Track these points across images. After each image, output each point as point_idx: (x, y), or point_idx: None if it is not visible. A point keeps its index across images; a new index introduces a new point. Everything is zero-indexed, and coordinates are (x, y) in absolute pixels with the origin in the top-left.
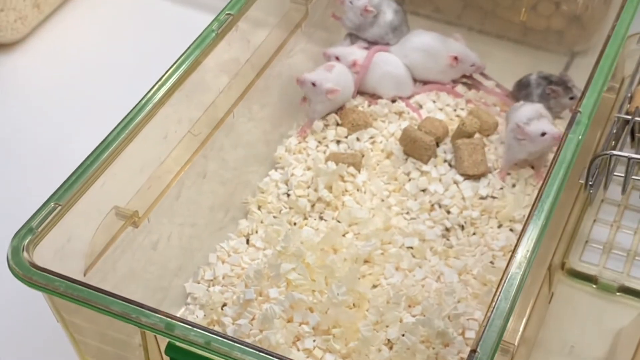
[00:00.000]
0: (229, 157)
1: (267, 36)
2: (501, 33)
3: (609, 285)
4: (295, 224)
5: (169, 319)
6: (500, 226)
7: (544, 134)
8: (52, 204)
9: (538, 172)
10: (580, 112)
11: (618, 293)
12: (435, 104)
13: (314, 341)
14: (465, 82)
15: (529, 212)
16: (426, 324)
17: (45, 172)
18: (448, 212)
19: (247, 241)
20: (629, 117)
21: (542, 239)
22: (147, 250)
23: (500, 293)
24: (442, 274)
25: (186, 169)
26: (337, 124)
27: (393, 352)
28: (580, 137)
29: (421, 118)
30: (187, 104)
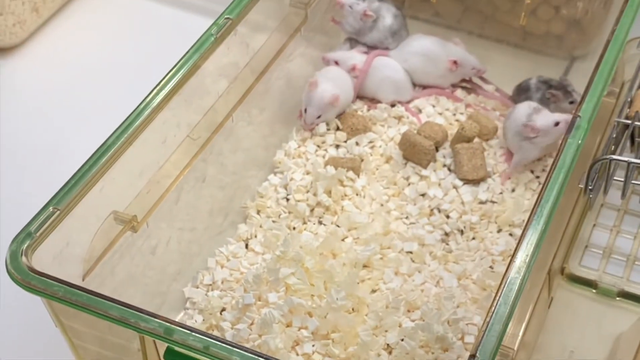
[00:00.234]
0: (228, 162)
1: (266, 40)
2: (501, 37)
3: (609, 290)
4: (294, 228)
5: (168, 324)
6: (499, 231)
7: (557, 124)
8: (51, 209)
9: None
10: (579, 116)
11: (618, 298)
12: (434, 108)
13: (313, 346)
14: (465, 86)
15: (529, 217)
16: (425, 329)
17: (44, 177)
18: (447, 216)
19: (246, 246)
20: (629, 121)
21: (541, 243)
22: (145, 255)
23: (499, 298)
24: (441, 278)
25: (185, 173)
26: (337, 128)
27: (392, 356)
28: (579, 142)
29: (420, 122)
30: (186, 108)
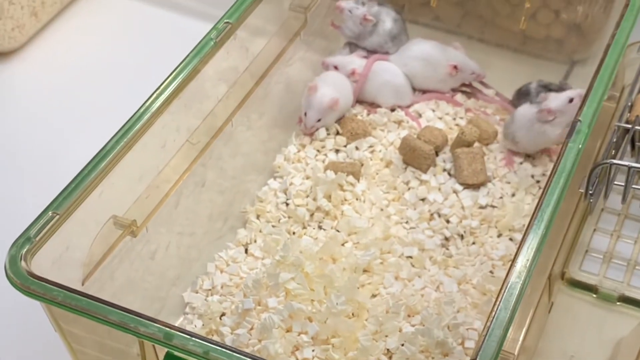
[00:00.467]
0: (228, 166)
1: (266, 44)
2: (501, 42)
3: (609, 295)
4: (294, 233)
5: (168, 329)
6: (499, 235)
7: (571, 100)
8: (50, 213)
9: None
10: (580, 121)
11: (618, 303)
12: (434, 112)
13: (313, 351)
14: (465, 90)
15: (529, 222)
16: (425, 334)
17: (43, 181)
18: (447, 221)
19: (246, 250)
20: (629, 125)
21: (542, 248)
22: (145, 260)
23: (499, 303)
24: (441, 283)
25: (184, 178)
26: (337, 133)
27: None
28: (580, 146)
29: (420, 127)
30: (186, 113)
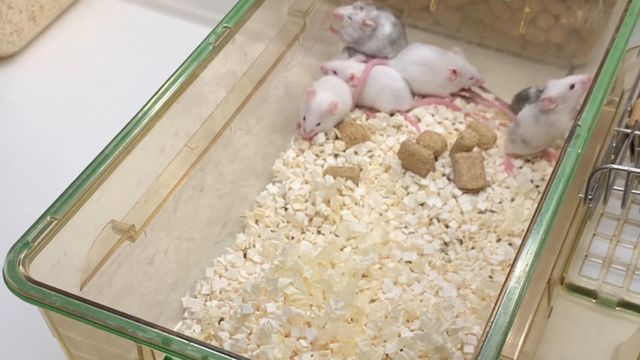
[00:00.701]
0: (226, 171)
1: (265, 49)
2: (500, 46)
3: (609, 300)
4: (292, 238)
5: (166, 334)
6: (499, 240)
7: (572, 86)
8: (48, 218)
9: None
10: (579, 125)
11: (617, 308)
12: (434, 117)
13: (311, 356)
14: (464, 95)
15: (528, 226)
16: (424, 339)
17: (41, 186)
18: (447, 226)
19: (245, 255)
20: (629, 130)
21: (541, 253)
22: (143, 265)
23: (499, 307)
24: (440, 288)
25: (183, 182)
26: (336, 138)
27: None
28: (579, 151)
29: (420, 131)
30: (184, 117)
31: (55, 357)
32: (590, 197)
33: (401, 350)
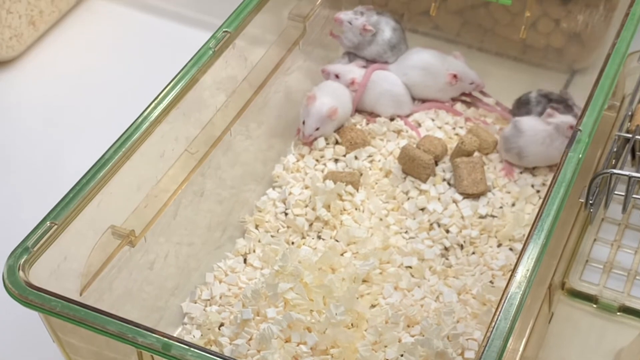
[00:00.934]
0: (227, 176)
1: (265, 54)
2: (501, 51)
3: (610, 305)
4: (293, 243)
5: (166, 339)
6: (499, 245)
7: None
8: (48, 223)
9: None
10: (580, 130)
11: (618, 313)
12: (434, 122)
13: None
14: (465, 100)
15: (529, 231)
16: (425, 344)
17: (41, 191)
18: (447, 231)
19: (245, 260)
20: (630, 135)
21: (542, 258)
22: (143, 270)
23: (499, 313)
24: (441, 293)
25: (183, 187)
26: (336, 142)
27: None
28: (580, 156)
29: (420, 136)
30: (184, 122)
31: None
32: (591, 202)
33: (402, 355)
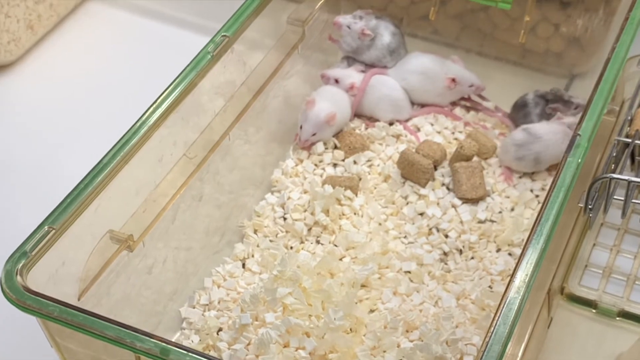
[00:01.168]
0: (225, 181)
1: (263, 58)
2: (500, 55)
3: (609, 310)
4: (291, 247)
5: (164, 344)
6: (498, 250)
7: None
8: (46, 228)
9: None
10: (579, 135)
11: (618, 318)
12: (433, 126)
13: None
14: (464, 104)
15: (528, 236)
16: (424, 349)
17: (39, 195)
18: (446, 236)
19: (243, 265)
20: (629, 140)
21: (541, 263)
22: (142, 275)
23: (498, 318)
24: (440, 298)
25: (181, 192)
26: (335, 147)
27: None
28: (579, 161)
29: (419, 141)
30: (183, 127)
31: None
32: (590, 206)
33: None
